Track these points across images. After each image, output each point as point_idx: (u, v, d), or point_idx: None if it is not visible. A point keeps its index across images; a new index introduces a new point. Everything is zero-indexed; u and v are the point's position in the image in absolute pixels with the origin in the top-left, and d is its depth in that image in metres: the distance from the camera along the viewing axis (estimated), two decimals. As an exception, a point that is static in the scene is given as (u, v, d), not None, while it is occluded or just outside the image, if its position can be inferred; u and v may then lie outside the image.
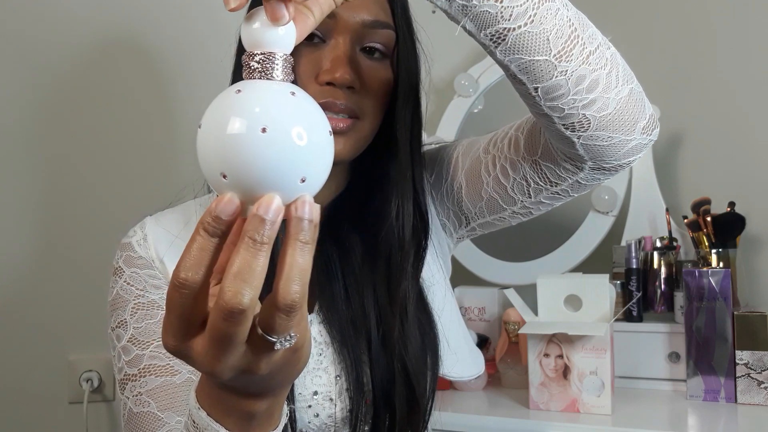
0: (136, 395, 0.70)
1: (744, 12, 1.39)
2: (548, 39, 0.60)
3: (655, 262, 1.31)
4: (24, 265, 1.28)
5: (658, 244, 1.33)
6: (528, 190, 0.78)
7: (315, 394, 0.73)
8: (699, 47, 1.45)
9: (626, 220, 1.41)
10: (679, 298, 1.25)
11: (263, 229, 0.39)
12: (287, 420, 0.55)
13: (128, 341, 0.72)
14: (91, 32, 1.31)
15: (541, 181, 0.77)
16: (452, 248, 0.90)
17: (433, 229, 0.85)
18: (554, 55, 0.61)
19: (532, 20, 0.59)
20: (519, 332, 1.19)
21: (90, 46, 1.32)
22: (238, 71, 0.77)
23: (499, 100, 1.57)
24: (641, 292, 1.28)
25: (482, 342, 1.35)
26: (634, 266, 1.28)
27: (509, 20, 0.58)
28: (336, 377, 0.74)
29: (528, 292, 1.21)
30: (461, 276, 1.46)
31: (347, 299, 0.76)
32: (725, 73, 1.41)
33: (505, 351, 1.29)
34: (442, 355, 0.79)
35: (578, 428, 1.06)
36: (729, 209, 1.28)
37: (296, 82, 0.45)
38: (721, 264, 1.25)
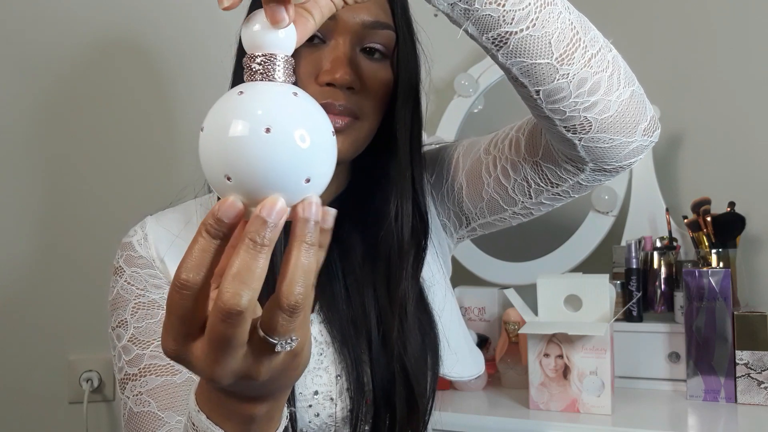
0: (137, 395, 0.70)
1: (744, 12, 1.39)
2: (550, 42, 0.60)
3: (655, 262, 1.31)
4: (24, 265, 1.28)
5: (658, 244, 1.33)
6: (529, 191, 0.78)
7: (315, 394, 0.73)
8: (699, 47, 1.45)
9: (626, 220, 1.41)
10: (679, 298, 1.25)
11: (264, 231, 0.39)
12: (287, 421, 0.55)
13: (129, 341, 0.72)
14: (91, 32, 1.31)
15: (542, 182, 0.77)
16: (452, 248, 0.90)
17: (434, 229, 0.85)
18: (556, 59, 0.61)
19: (534, 24, 0.59)
20: (519, 332, 1.19)
21: (90, 46, 1.32)
22: (239, 72, 0.77)
23: (499, 100, 1.57)
24: (641, 292, 1.28)
25: (482, 342, 1.35)
26: (634, 266, 1.28)
27: (511, 24, 0.58)
28: (336, 377, 0.74)
29: (528, 292, 1.21)
30: (461, 276, 1.46)
31: (348, 299, 0.76)
32: (725, 73, 1.41)
33: (505, 351, 1.29)
34: (443, 355, 0.79)
35: (578, 428, 1.06)
36: (729, 209, 1.28)
37: (296, 83, 0.45)
38: (721, 264, 1.25)
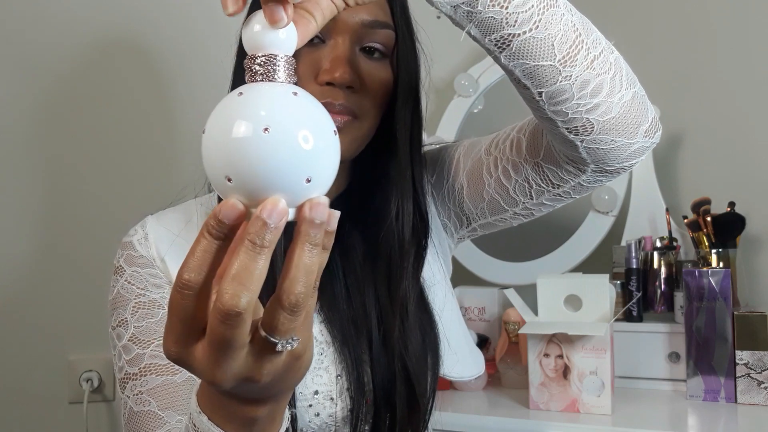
0: (137, 394, 0.70)
1: (744, 12, 1.39)
2: (553, 44, 0.60)
3: (655, 262, 1.31)
4: (24, 265, 1.28)
5: (658, 244, 1.33)
6: (530, 192, 0.78)
7: (316, 394, 0.73)
8: (699, 47, 1.45)
9: (626, 220, 1.41)
10: (679, 298, 1.25)
11: (265, 233, 0.39)
12: (288, 422, 0.54)
13: (129, 340, 0.72)
14: (91, 32, 1.31)
15: (543, 183, 0.77)
16: (453, 248, 0.90)
17: (434, 229, 0.85)
18: (559, 60, 0.61)
19: (537, 26, 0.59)
20: (519, 332, 1.19)
21: (90, 46, 1.32)
22: (239, 72, 0.77)
23: (499, 100, 1.57)
24: (641, 292, 1.28)
25: (482, 342, 1.35)
26: (634, 266, 1.28)
27: (514, 26, 0.58)
28: (337, 377, 0.74)
29: (528, 292, 1.21)
30: (461, 276, 1.46)
31: (348, 299, 0.76)
32: (725, 73, 1.41)
33: (505, 351, 1.29)
34: (443, 355, 0.79)
35: (578, 428, 1.06)
36: (729, 209, 1.28)
37: (297, 83, 0.45)
38: (721, 264, 1.25)
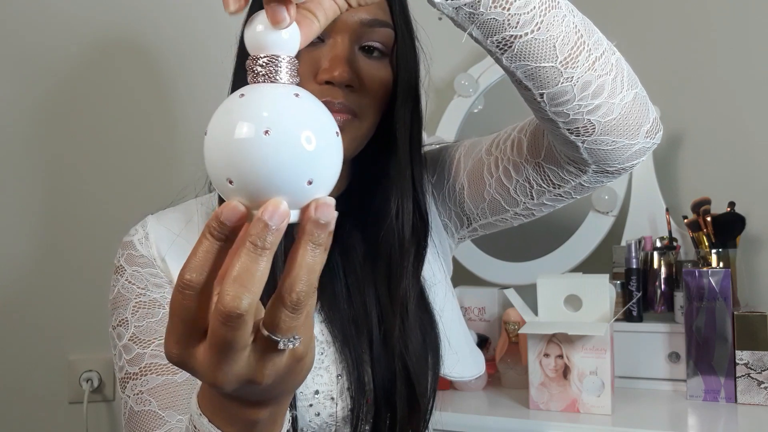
0: (137, 394, 0.70)
1: (744, 12, 1.39)
2: (555, 46, 0.60)
3: (655, 262, 1.31)
4: (24, 265, 1.28)
5: (658, 244, 1.33)
6: (531, 192, 0.78)
7: (316, 393, 0.73)
8: (699, 47, 1.45)
9: (626, 220, 1.41)
10: (679, 298, 1.25)
11: (266, 235, 0.39)
12: (290, 424, 0.54)
13: (129, 340, 0.72)
14: (91, 32, 1.31)
15: (544, 184, 0.77)
16: (453, 248, 0.90)
17: (435, 229, 0.85)
18: (560, 62, 0.61)
19: (539, 27, 0.59)
20: (519, 332, 1.19)
21: (90, 46, 1.32)
22: (239, 73, 0.77)
23: (499, 100, 1.57)
24: (641, 292, 1.28)
25: (482, 342, 1.35)
26: (634, 266, 1.28)
27: (516, 27, 0.58)
28: (337, 376, 0.74)
29: (528, 292, 1.21)
30: (461, 276, 1.46)
31: (349, 298, 0.76)
32: (725, 73, 1.41)
33: (505, 351, 1.29)
34: (444, 355, 0.79)
35: (578, 428, 1.06)
36: (729, 209, 1.28)
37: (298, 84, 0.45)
38: (721, 264, 1.25)
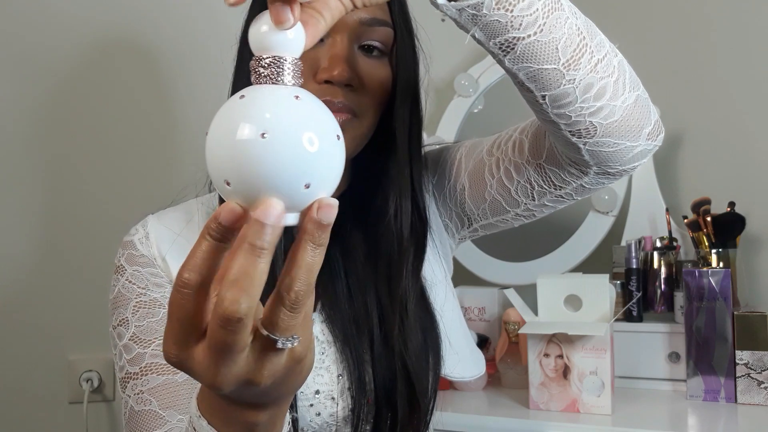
0: (138, 393, 0.70)
1: (744, 12, 1.39)
2: (557, 48, 0.60)
3: (655, 262, 1.31)
4: (24, 265, 1.28)
5: (658, 244, 1.33)
6: (532, 193, 0.78)
7: (317, 393, 0.73)
8: (699, 47, 1.45)
9: (626, 220, 1.41)
10: (679, 298, 1.25)
11: (264, 235, 0.38)
12: (290, 426, 0.54)
13: (130, 339, 0.72)
14: (91, 32, 1.31)
15: (546, 185, 0.77)
16: (454, 248, 0.90)
17: (435, 229, 0.85)
18: (563, 64, 0.61)
19: (542, 29, 0.59)
20: (519, 332, 1.19)
21: (90, 47, 1.32)
22: (239, 73, 0.77)
23: (499, 100, 1.57)
24: (641, 292, 1.28)
25: (482, 342, 1.35)
26: (634, 266, 1.28)
27: (519, 29, 0.58)
28: (338, 376, 0.74)
29: (528, 292, 1.21)
30: (461, 276, 1.46)
31: (350, 298, 0.76)
32: (725, 74, 1.41)
33: (505, 351, 1.29)
34: (444, 355, 0.79)
35: (578, 428, 1.06)
36: (729, 209, 1.28)
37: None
38: (721, 264, 1.25)
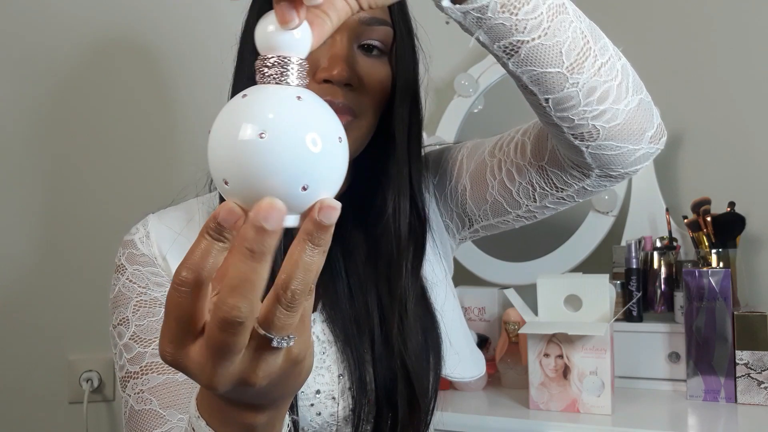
0: (138, 393, 0.70)
1: (744, 12, 1.39)
2: (561, 51, 0.60)
3: (655, 262, 1.31)
4: (24, 265, 1.28)
5: (658, 244, 1.33)
6: (533, 195, 0.78)
7: (317, 393, 0.73)
8: (699, 47, 1.45)
9: (626, 220, 1.41)
10: (679, 298, 1.25)
11: (264, 241, 0.38)
12: (289, 429, 0.54)
13: (130, 339, 0.72)
14: (91, 32, 1.31)
15: (547, 187, 0.77)
16: (454, 249, 0.90)
17: (436, 230, 0.85)
18: (566, 67, 0.61)
19: (546, 33, 0.59)
20: (519, 332, 1.19)
21: (90, 47, 1.32)
22: (239, 73, 0.77)
23: (499, 100, 1.57)
24: (641, 292, 1.28)
25: (482, 342, 1.35)
26: (634, 266, 1.28)
27: (523, 33, 0.58)
28: (339, 376, 0.74)
29: (528, 292, 1.21)
30: (461, 276, 1.46)
31: (351, 298, 0.76)
32: (725, 74, 1.41)
33: (505, 351, 1.29)
34: (445, 355, 0.79)
35: (578, 428, 1.06)
36: (729, 209, 1.28)
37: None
38: (721, 264, 1.25)
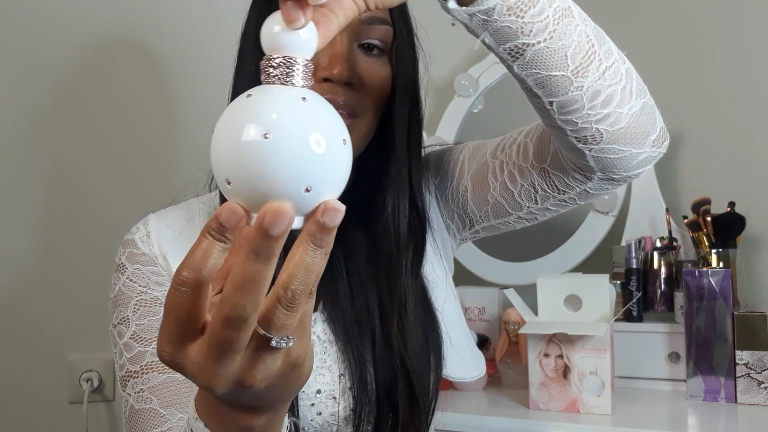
0: (138, 392, 0.70)
1: (744, 12, 1.39)
2: (566, 55, 0.60)
3: (655, 262, 1.31)
4: (24, 265, 1.28)
5: (658, 244, 1.33)
6: (535, 197, 0.78)
7: (318, 393, 0.73)
8: (699, 47, 1.45)
9: (626, 220, 1.41)
10: (679, 298, 1.25)
11: (270, 246, 0.37)
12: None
13: (130, 338, 0.72)
14: (91, 32, 1.31)
15: (549, 189, 0.77)
16: (455, 249, 0.90)
17: (437, 230, 0.85)
18: (571, 71, 0.61)
19: (552, 36, 0.59)
20: (519, 332, 1.19)
21: (90, 47, 1.32)
22: (240, 73, 0.77)
23: (499, 100, 1.57)
24: (641, 292, 1.28)
25: (482, 342, 1.35)
26: (634, 266, 1.28)
27: (529, 36, 0.58)
28: (339, 376, 0.74)
29: (528, 292, 1.21)
30: (461, 276, 1.46)
31: (352, 298, 0.76)
32: (725, 74, 1.41)
33: (505, 351, 1.29)
34: (446, 355, 0.79)
35: (578, 428, 1.06)
36: (729, 209, 1.28)
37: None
38: (721, 264, 1.25)
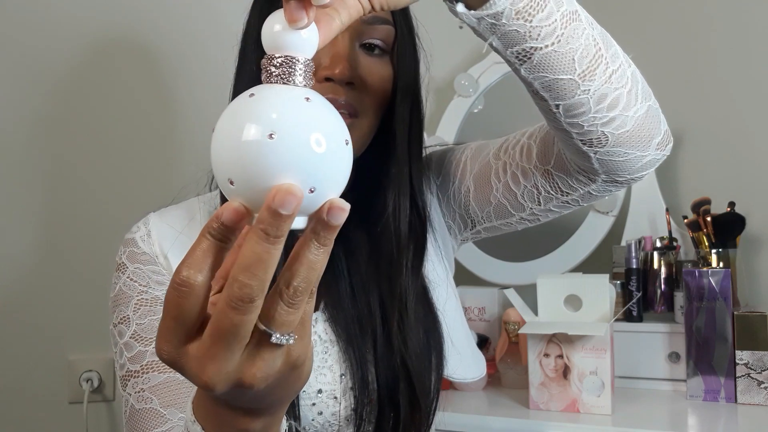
0: (139, 392, 0.70)
1: (744, 12, 1.39)
2: (574, 59, 0.60)
3: (655, 262, 1.31)
4: (24, 265, 1.28)
5: (658, 244, 1.33)
6: (538, 198, 0.78)
7: (319, 392, 0.73)
8: (699, 47, 1.45)
9: (626, 220, 1.41)
10: (679, 298, 1.25)
11: (279, 223, 0.38)
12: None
13: (131, 337, 0.72)
14: (91, 32, 1.31)
15: (552, 191, 0.77)
16: (456, 249, 0.90)
17: (438, 230, 0.85)
18: (579, 75, 0.61)
19: (560, 40, 0.59)
20: (519, 332, 1.19)
21: (90, 47, 1.32)
22: (240, 73, 0.77)
23: (499, 100, 1.57)
24: (641, 292, 1.28)
25: (482, 342, 1.35)
26: (634, 266, 1.28)
27: (537, 39, 0.59)
28: (341, 376, 0.74)
29: (528, 292, 1.21)
30: (461, 276, 1.46)
31: (353, 297, 0.75)
32: (725, 74, 1.42)
33: (505, 351, 1.29)
34: (447, 356, 0.79)
35: (578, 428, 1.06)
36: (729, 209, 1.28)
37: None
38: (721, 264, 1.25)
